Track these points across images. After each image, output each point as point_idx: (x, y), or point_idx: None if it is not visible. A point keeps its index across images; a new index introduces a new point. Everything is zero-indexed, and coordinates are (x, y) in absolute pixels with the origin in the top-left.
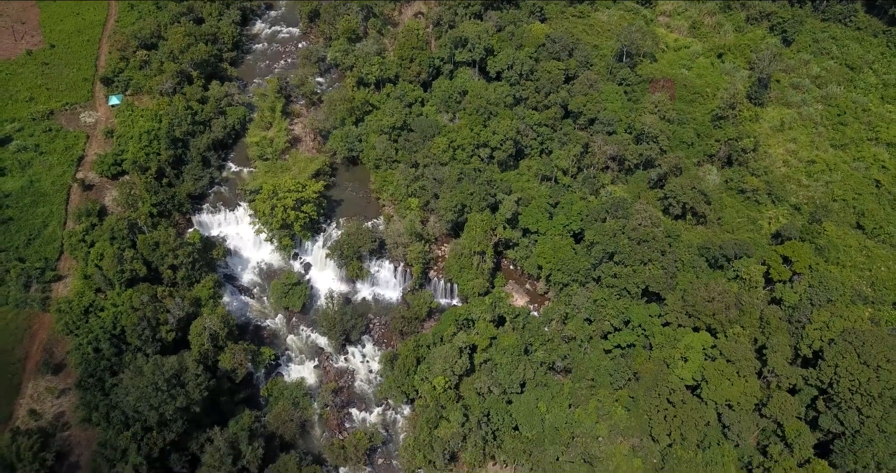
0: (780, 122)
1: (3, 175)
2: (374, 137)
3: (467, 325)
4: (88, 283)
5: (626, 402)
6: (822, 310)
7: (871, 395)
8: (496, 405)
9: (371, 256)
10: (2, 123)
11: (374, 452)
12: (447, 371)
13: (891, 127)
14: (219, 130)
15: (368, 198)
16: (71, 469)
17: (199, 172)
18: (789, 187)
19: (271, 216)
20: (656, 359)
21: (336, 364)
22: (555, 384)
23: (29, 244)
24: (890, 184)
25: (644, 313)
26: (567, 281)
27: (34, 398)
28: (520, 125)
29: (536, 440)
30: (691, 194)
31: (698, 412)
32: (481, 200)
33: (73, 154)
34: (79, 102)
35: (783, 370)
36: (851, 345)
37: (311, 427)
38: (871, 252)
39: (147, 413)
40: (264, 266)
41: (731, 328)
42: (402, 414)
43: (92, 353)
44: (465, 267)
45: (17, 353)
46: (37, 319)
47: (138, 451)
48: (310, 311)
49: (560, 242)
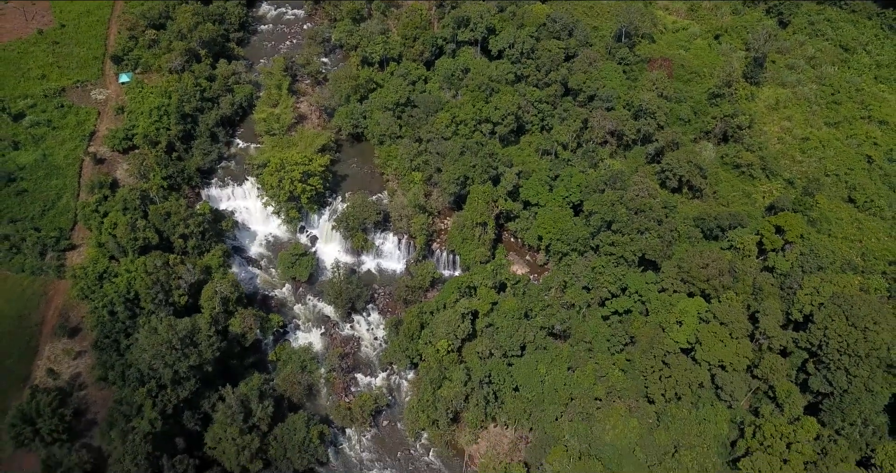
0: (775, 101)
1: (17, 149)
2: (378, 114)
3: (469, 292)
4: (102, 251)
5: (623, 365)
6: (813, 277)
7: (858, 355)
8: (497, 367)
9: (375, 228)
10: (15, 100)
11: (379, 414)
12: (450, 335)
13: (883, 106)
14: (226, 107)
15: (373, 173)
16: (88, 426)
17: (207, 147)
18: (783, 162)
19: (279, 189)
20: (652, 324)
21: (342, 332)
22: (554, 347)
23: (43, 215)
24: (881, 159)
25: (641, 280)
26: (566, 250)
27: (51, 360)
28: (521, 101)
29: (536, 400)
30: (688, 168)
31: (692, 372)
32: (483, 172)
33: (85, 129)
34: (89, 80)
35: (774, 332)
36: (840, 308)
37: (317, 391)
38: (861, 224)
39: (162, 371)
40: (271, 239)
41: (724, 294)
42: (406, 379)
43: (107, 316)
44: (467, 238)
45: (33, 318)
46: (52, 285)
47: (153, 407)
48: (316, 281)
49: (560, 213)
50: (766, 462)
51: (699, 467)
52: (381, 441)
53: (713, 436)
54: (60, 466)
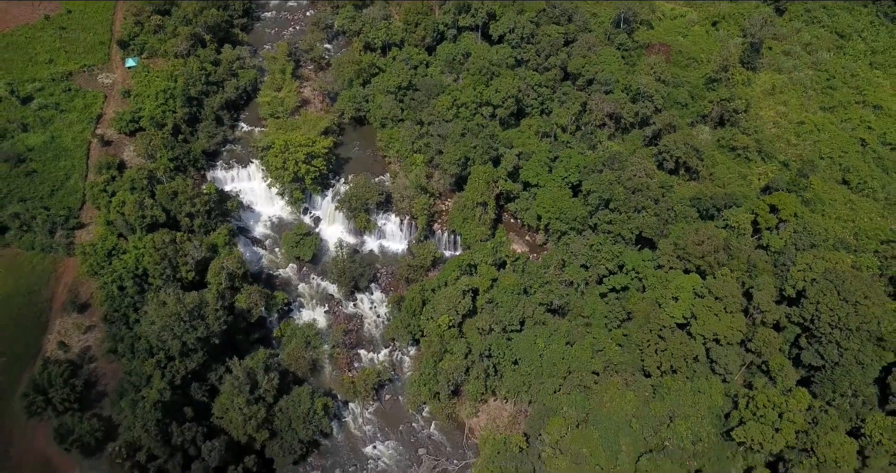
0: (771, 86)
1: (26, 131)
2: (380, 97)
3: (470, 270)
4: (110, 229)
5: (620, 340)
6: (806, 254)
7: (849, 329)
8: (497, 341)
9: (378, 209)
10: (23, 83)
11: (381, 388)
12: (451, 311)
13: (878, 91)
14: (231, 91)
15: (375, 156)
16: (98, 396)
17: (213, 129)
18: (778, 145)
19: (283, 170)
20: (649, 299)
21: (345, 310)
22: (552, 322)
23: (52, 195)
24: (875, 143)
25: (638, 257)
26: (565, 229)
27: (62, 334)
28: (521, 85)
29: (535, 374)
30: (684, 149)
31: (687, 346)
32: (484, 153)
33: (92, 112)
34: (96, 65)
35: (768, 307)
36: (832, 283)
37: (321, 366)
38: (854, 205)
39: (170, 343)
40: (276, 220)
41: (719, 270)
42: (408, 355)
43: (116, 291)
44: (468, 218)
45: (44, 293)
46: (62, 263)
47: (162, 378)
48: (320, 261)
49: (559, 192)
50: (759, 431)
51: (693, 436)
52: (383, 414)
53: (707, 407)
54: (72, 434)
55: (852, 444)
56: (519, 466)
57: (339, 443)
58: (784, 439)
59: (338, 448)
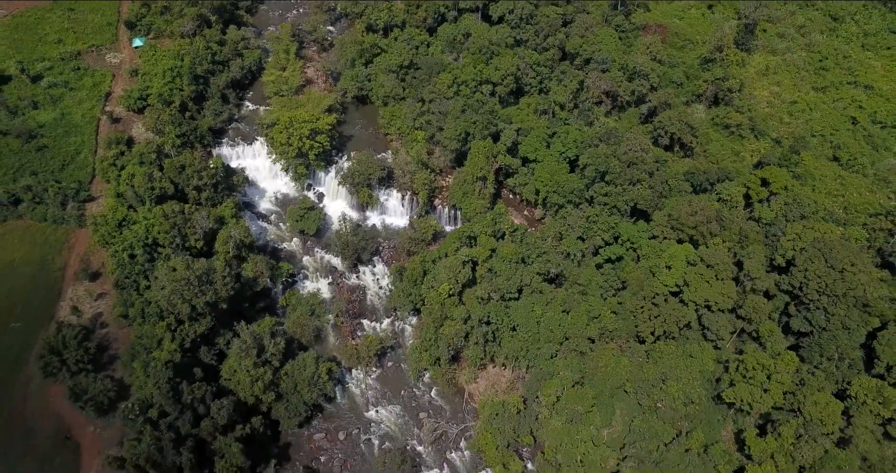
0: (765, 67)
1: (37, 108)
2: (382, 76)
3: (470, 243)
4: (120, 201)
5: (615, 307)
6: (796, 224)
7: (836, 295)
8: (496, 308)
9: (380, 185)
10: (33, 63)
11: (383, 356)
12: (451, 280)
13: (869, 72)
14: (236, 70)
15: (377, 134)
16: (110, 360)
17: (219, 107)
18: (771, 123)
19: (287, 145)
20: (643, 268)
21: (348, 282)
22: (549, 291)
23: (63, 169)
24: (866, 121)
25: (633, 229)
26: (562, 203)
27: (74, 301)
28: (520, 63)
29: (532, 340)
30: (679, 125)
31: (680, 312)
32: (483, 128)
33: (101, 90)
34: (104, 45)
35: (758, 274)
36: (820, 251)
37: (325, 335)
38: (844, 181)
39: (180, 306)
40: (280, 196)
41: (711, 240)
42: (410, 324)
43: (127, 259)
44: (467, 193)
45: (56, 263)
46: (73, 234)
47: (172, 340)
48: (323, 235)
49: (557, 166)
50: (748, 392)
51: (685, 397)
52: (385, 380)
53: (699, 371)
54: (86, 393)
55: (838, 405)
56: (517, 427)
57: (343, 407)
58: (772, 399)
59: (341, 411)
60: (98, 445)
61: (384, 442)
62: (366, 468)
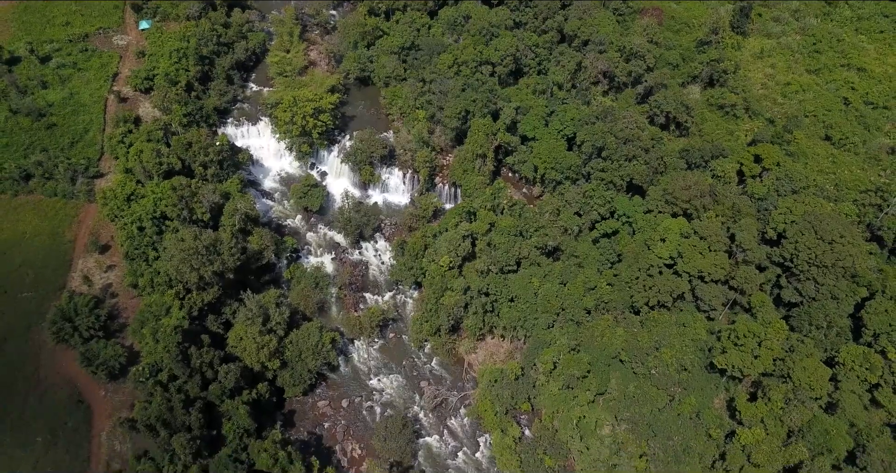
0: (760, 50)
1: (46, 88)
2: (384, 58)
3: (470, 218)
4: (129, 176)
5: (610, 279)
6: (787, 199)
7: (825, 266)
8: (494, 280)
9: (381, 163)
10: (42, 44)
11: (385, 327)
12: (451, 253)
13: (862, 54)
14: (241, 52)
15: (379, 114)
16: (120, 328)
17: (224, 88)
18: (765, 104)
19: (291, 124)
20: (638, 241)
21: (351, 257)
22: (547, 264)
23: (72, 146)
24: (858, 102)
25: (629, 204)
26: (560, 179)
27: (85, 271)
28: (519, 45)
29: (530, 311)
30: (674, 105)
31: (674, 282)
32: (483, 106)
33: (108, 71)
34: (111, 27)
35: (750, 245)
36: (810, 224)
37: (329, 307)
38: (836, 159)
39: (188, 275)
40: (284, 175)
41: (705, 214)
42: (411, 298)
43: (136, 231)
44: (467, 170)
45: (67, 235)
46: (83, 208)
47: (180, 308)
48: (326, 213)
49: (555, 143)
50: (739, 358)
51: (678, 364)
52: (387, 351)
53: (692, 339)
54: (97, 357)
55: (826, 370)
56: (514, 393)
57: (346, 376)
58: (762, 365)
59: (344, 380)
60: (109, 408)
61: (386, 410)
62: (368, 434)
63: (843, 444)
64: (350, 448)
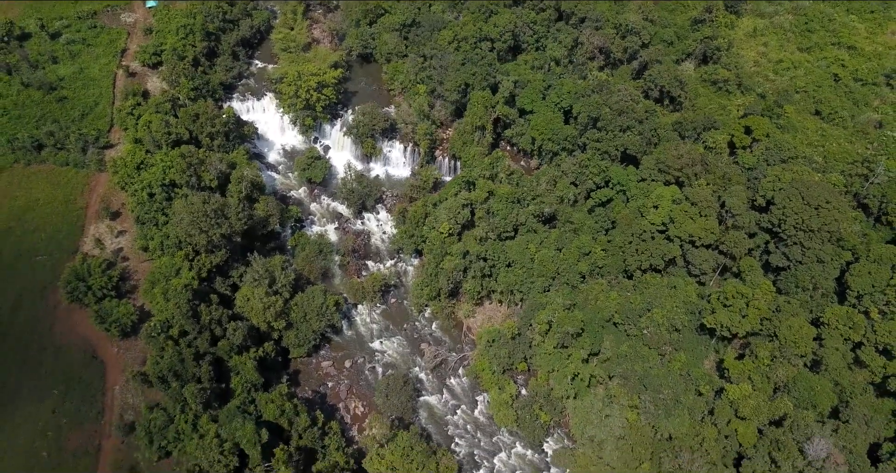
0: (753, 29)
1: (56, 63)
2: (386, 35)
3: (469, 188)
4: (138, 146)
5: (604, 245)
6: (776, 167)
7: (811, 230)
8: (492, 245)
9: (383, 137)
10: (52, 21)
11: (387, 293)
12: (451, 220)
13: (853, 33)
14: (246, 30)
15: (381, 90)
16: (132, 289)
17: (229, 63)
18: (757, 80)
19: (295, 98)
20: (631, 208)
21: (354, 227)
22: (543, 231)
23: (83, 118)
24: (847, 78)
25: (623, 173)
26: (557, 150)
27: (97, 236)
28: (517, 21)
29: (526, 275)
30: (668, 79)
31: (666, 247)
32: (483, 79)
33: (117, 47)
34: (119, 5)
35: (739, 210)
36: (797, 190)
37: (332, 274)
38: (825, 132)
39: (197, 237)
40: (288, 148)
41: (696, 181)
42: (412, 265)
43: (146, 197)
44: (467, 142)
45: (79, 202)
46: (94, 177)
47: (190, 269)
48: (329, 184)
49: (552, 115)
50: (727, 317)
51: (669, 324)
52: (389, 315)
53: (683, 301)
54: (110, 316)
55: (811, 329)
56: (511, 353)
57: (349, 339)
58: (750, 324)
59: (347, 343)
60: (122, 363)
61: (388, 370)
62: (370, 393)
63: (828, 400)
64: (353, 405)
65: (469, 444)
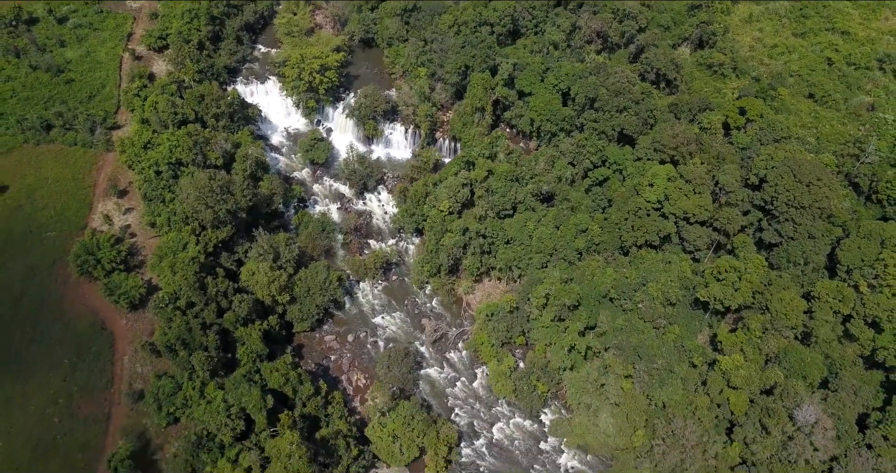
0: (748, 15)
1: (64, 47)
2: (387, 20)
3: (469, 168)
4: (145, 126)
5: (601, 222)
6: (769, 146)
7: (802, 207)
8: (492, 224)
9: (385, 119)
10: (59, 6)
11: (388, 270)
12: (451, 199)
13: (847, 19)
14: (249, 14)
15: (382, 74)
16: (139, 264)
17: (233, 47)
18: (752, 64)
19: (298, 80)
20: (628, 186)
21: (356, 207)
22: (541, 209)
23: (90, 100)
24: (841, 62)
25: (619, 153)
26: (555, 131)
27: (105, 213)
28: (517, 6)
29: (525, 251)
30: (664, 62)
31: (661, 223)
32: (482, 62)
33: (123, 31)
34: None
35: (732, 187)
36: (789, 168)
37: (335, 252)
38: (818, 114)
39: (203, 213)
40: (292, 131)
41: (691, 160)
42: (413, 244)
43: (153, 175)
44: (467, 123)
45: (87, 181)
46: (101, 157)
47: (196, 244)
48: (332, 166)
49: (550, 97)
50: (720, 290)
51: (664, 298)
52: (390, 291)
53: (677, 276)
54: (119, 288)
55: (801, 302)
56: (510, 327)
57: (351, 314)
58: (742, 297)
59: (350, 318)
60: (130, 335)
61: (389, 344)
62: (372, 365)
63: (818, 372)
64: (355, 377)
65: (468, 414)
